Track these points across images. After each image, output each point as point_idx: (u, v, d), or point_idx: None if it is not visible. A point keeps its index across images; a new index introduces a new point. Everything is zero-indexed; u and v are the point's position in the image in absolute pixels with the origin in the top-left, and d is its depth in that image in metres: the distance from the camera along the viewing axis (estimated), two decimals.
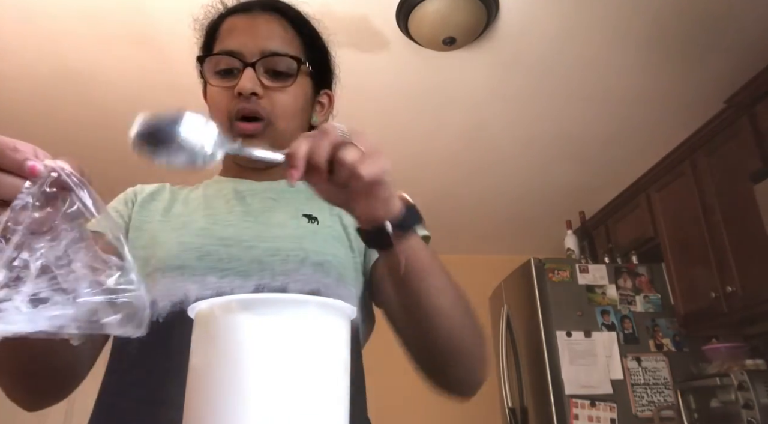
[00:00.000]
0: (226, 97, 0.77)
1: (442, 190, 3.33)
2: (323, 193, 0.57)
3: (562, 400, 2.51)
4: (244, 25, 0.79)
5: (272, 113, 0.77)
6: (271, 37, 0.79)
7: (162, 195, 0.83)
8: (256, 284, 0.70)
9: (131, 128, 0.48)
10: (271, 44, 0.78)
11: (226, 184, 0.84)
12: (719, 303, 2.36)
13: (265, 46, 0.77)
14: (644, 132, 2.78)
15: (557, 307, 2.67)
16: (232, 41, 0.78)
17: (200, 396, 0.38)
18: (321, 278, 0.71)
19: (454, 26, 1.99)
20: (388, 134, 2.78)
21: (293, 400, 0.37)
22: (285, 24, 0.82)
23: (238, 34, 0.79)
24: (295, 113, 0.80)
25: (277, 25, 0.81)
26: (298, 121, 0.82)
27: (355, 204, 0.56)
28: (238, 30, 0.79)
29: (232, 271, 0.70)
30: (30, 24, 2.04)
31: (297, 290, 0.70)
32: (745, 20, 2.08)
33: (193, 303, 0.67)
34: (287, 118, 0.79)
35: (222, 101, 0.77)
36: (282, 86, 0.78)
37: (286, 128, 0.78)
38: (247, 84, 0.74)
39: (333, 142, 0.52)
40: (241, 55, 0.76)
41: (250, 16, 0.81)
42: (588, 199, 3.41)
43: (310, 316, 0.40)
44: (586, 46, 2.20)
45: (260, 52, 0.77)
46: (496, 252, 4.20)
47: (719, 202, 2.39)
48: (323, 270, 0.72)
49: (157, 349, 0.65)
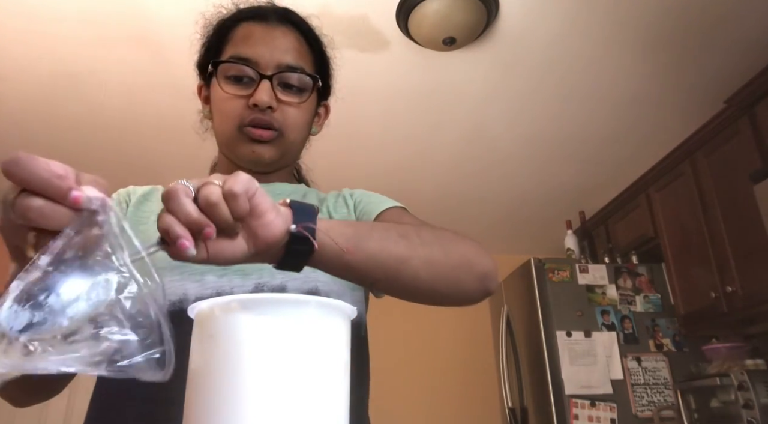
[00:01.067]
0: (240, 106, 0.78)
1: (442, 190, 3.33)
2: (227, 256, 0.48)
3: (562, 400, 2.51)
4: (261, 35, 0.80)
5: (284, 125, 0.79)
6: (288, 50, 0.80)
7: (155, 196, 0.83)
8: (255, 282, 0.70)
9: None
10: (287, 58, 0.79)
11: None
12: (719, 303, 2.36)
13: (282, 59, 0.78)
14: (644, 132, 2.78)
15: (557, 307, 2.67)
16: (248, 49, 0.79)
17: (200, 396, 0.38)
18: (319, 276, 0.71)
19: (454, 26, 1.99)
20: (388, 134, 2.78)
21: (293, 400, 0.37)
22: (300, 38, 0.83)
23: (254, 42, 0.79)
24: (304, 126, 0.83)
25: (294, 38, 0.82)
26: (304, 134, 0.85)
27: (253, 234, 0.48)
28: (255, 38, 0.80)
29: (231, 269, 0.70)
30: (30, 25, 2.04)
31: (296, 287, 0.70)
32: (744, 20, 2.08)
33: (193, 302, 0.67)
34: (297, 131, 0.81)
35: (235, 109, 0.78)
36: (298, 102, 0.80)
37: (295, 140, 0.82)
38: (264, 97, 0.76)
39: (189, 195, 0.44)
40: (257, 66, 0.77)
41: (267, 26, 0.81)
42: (588, 199, 3.41)
43: (310, 316, 0.40)
44: (586, 46, 2.20)
45: (277, 66, 0.78)
46: (496, 252, 4.20)
47: (719, 202, 2.39)
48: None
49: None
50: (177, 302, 0.67)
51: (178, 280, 0.69)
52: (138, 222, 0.79)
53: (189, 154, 2.28)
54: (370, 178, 3.14)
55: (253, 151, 0.78)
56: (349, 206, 0.84)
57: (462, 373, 3.83)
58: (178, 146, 2.70)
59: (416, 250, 0.60)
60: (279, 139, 0.79)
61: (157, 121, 2.57)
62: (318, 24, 0.88)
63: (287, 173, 0.89)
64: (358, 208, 0.83)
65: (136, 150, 2.81)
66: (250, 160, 0.80)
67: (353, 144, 2.84)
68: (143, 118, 2.57)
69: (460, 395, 3.78)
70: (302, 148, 0.88)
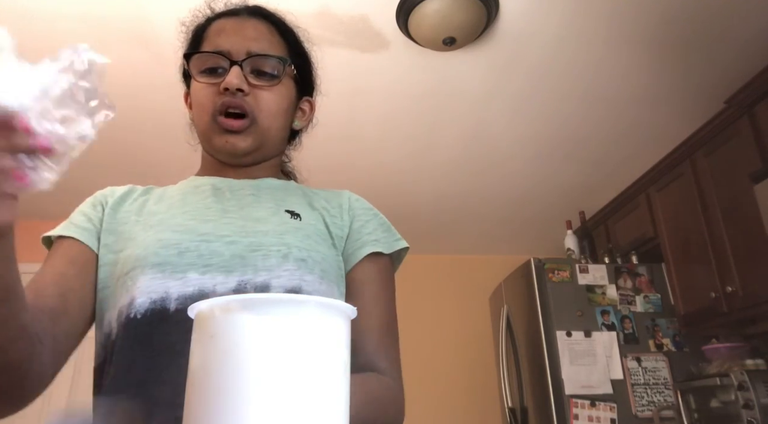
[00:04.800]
0: (211, 93, 0.78)
1: (442, 191, 3.33)
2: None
3: (562, 400, 2.52)
4: (232, 27, 0.81)
5: (256, 110, 0.78)
6: (258, 38, 0.81)
7: (133, 196, 0.83)
8: (238, 279, 0.69)
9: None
10: (257, 45, 0.80)
11: (203, 180, 0.83)
12: (719, 303, 2.36)
13: (252, 46, 0.79)
14: (644, 132, 2.78)
15: (557, 307, 2.68)
16: (220, 41, 0.80)
17: (200, 396, 0.38)
18: (304, 275, 0.71)
19: (454, 26, 1.99)
20: (388, 134, 2.78)
21: (293, 400, 0.37)
22: (271, 29, 0.84)
23: (226, 34, 0.80)
24: (279, 112, 0.82)
25: (264, 28, 0.83)
26: (281, 122, 0.83)
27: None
28: (226, 31, 0.81)
29: (214, 267, 0.70)
30: (30, 26, 2.04)
31: (279, 285, 0.69)
32: (744, 20, 2.08)
33: (175, 300, 0.67)
34: (271, 117, 0.80)
35: (207, 96, 0.78)
36: (268, 85, 0.79)
37: (270, 126, 0.80)
38: (233, 79, 0.76)
39: None
40: (228, 54, 0.78)
41: (238, 19, 0.83)
42: (588, 199, 3.41)
43: (310, 316, 0.40)
44: (585, 46, 2.20)
45: (247, 52, 0.79)
46: (496, 252, 4.21)
47: (719, 202, 2.39)
48: (306, 266, 0.71)
49: (135, 346, 0.66)
50: (159, 300, 0.67)
51: (159, 278, 0.68)
52: (118, 223, 0.78)
53: (188, 155, 2.28)
54: (369, 178, 3.14)
55: (227, 141, 0.78)
56: (343, 221, 0.81)
57: (462, 373, 3.83)
58: (177, 146, 2.68)
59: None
60: (252, 127, 0.78)
61: (157, 121, 2.57)
62: (293, 19, 0.89)
63: (273, 168, 0.87)
64: (352, 237, 0.80)
65: (136, 150, 2.81)
66: (225, 151, 0.80)
67: (353, 144, 2.84)
68: (143, 118, 2.57)
69: (460, 395, 3.78)
70: (281, 138, 0.86)
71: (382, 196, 3.07)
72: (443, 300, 4.03)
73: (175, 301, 0.67)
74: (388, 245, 0.81)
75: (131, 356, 0.66)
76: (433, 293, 4.05)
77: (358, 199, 0.86)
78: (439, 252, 4.13)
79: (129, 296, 0.69)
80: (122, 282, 0.71)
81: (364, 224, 0.82)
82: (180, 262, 0.70)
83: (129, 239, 0.75)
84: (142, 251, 0.71)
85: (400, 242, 0.83)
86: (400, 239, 0.83)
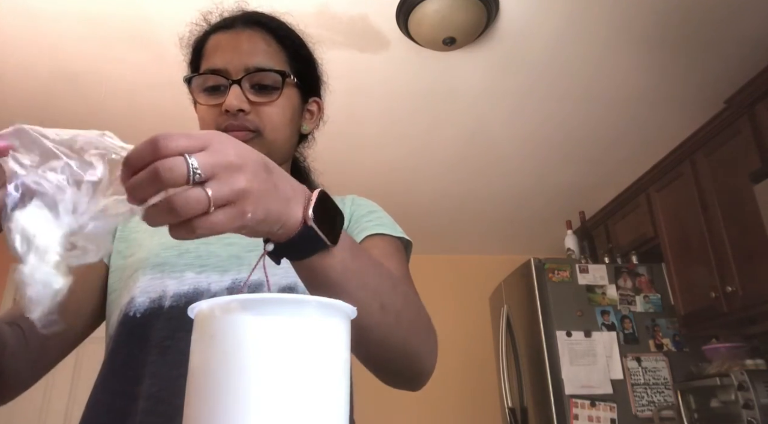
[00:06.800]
0: (214, 114, 0.78)
1: (441, 190, 3.33)
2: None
3: (562, 400, 2.52)
4: (227, 43, 0.80)
5: (261, 126, 0.78)
6: (254, 52, 0.80)
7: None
8: (233, 278, 0.72)
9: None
10: (254, 60, 0.79)
11: None
12: (719, 303, 2.36)
13: (248, 62, 0.78)
14: (644, 132, 2.78)
15: (557, 307, 2.68)
16: (217, 59, 0.79)
17: (200, 396, 0.38)
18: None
19: (454, 26, 1.99)
20: (388, 134, 2.78)
21: (293, 400, 0.37)
22: (268, 38, 0.83)
23: (222, 51, 0.80)
24: (284, 125, 0.81)
25: (260, 39, 0.82)
26: (287, 133, 0.83)
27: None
28: (222, 47, 0.80)
29: (210, 266, 0.72)
30: (31, 26, 2.04)
31: (274, 283, 0.71)
32: (745, 20, 2.08)
33: (171, 298, 0.69)
34: (276, 130, 0.80)
35: (210, 117, 0.79)
36: (268, 101, 0.79)
37: (275, 139, 0.80)
38: (233, 101, 0.75)
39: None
40: (226, 73, 0.78)
41: (233, 33, 0.81)
42: (588, 199, 3.41)
43: (311, 316, 0.40)
44: (586, 46, 2.20)
45: (244, 69, 0.78)
46: (496, 252, 4.21)
47: (719, 202, 2.39)
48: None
49: (130, 343, 0.69)
50: (156, 299, 0.70)
51: (158, 278, 0.72)
52: (131, 230, 0.82)
53: None
54: (369, 177, 3.14)
55: None
56: (345, 213, 0.83)
57: (462, 373, 3.83)
58: None
59: (401, 305, 0.60)
60: (257, 140, 0.78)
61: (158, 121, 2.57)
62: (292, 21, 0.88)
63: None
64: (351, 226, 0.82)
65: None
66: None
67: (353, 143, 2.84)
68: (143, 118, 2.57)
69: (460, 394, 3.78)
70: (289, 146, 0.86)
71: (382, 196, 3.06)
72: (443, 300, 4.03)
73: (170, 298, 0.70)
74: (392, 230, 0.81)
75: (125, 352, 0.69)
76: (433, 293, 4.04)
77: (361, 198, 0.88)
78: (439, 252, 4.13)
79: (129, 295, 0.72)
80: (126, 284, 0.74)
81: (365, 214, 0.83)
82: (179, 262, 0.73)
83: (138, 246, 0.79)
84: (145, 254, 0.75)
85: (404, 236, 0.83)
86: (403, 233, 0.83)
